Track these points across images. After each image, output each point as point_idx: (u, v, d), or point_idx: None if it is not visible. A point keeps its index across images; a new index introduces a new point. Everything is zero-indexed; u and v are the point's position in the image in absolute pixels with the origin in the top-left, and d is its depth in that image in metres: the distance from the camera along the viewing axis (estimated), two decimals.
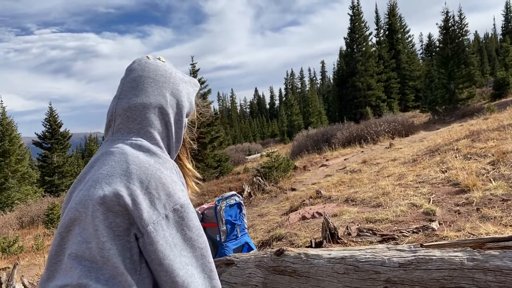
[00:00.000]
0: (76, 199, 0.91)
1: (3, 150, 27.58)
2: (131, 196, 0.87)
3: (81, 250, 0.85)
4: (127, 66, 1.08)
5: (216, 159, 21.66)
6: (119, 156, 0.93)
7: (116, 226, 0.86)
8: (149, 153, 0.96)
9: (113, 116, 1.01)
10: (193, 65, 21.99)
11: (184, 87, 1.09)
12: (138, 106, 1.00)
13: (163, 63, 1.09)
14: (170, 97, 1.04)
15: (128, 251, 0.86)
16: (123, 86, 1.04)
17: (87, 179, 0.93)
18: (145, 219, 0.86)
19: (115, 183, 0.88)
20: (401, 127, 18.10)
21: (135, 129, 0.99)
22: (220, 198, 4.14)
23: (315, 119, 44.56)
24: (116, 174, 0.90)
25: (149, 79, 1.03)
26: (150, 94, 1.01)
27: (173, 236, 0.88)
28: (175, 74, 1.08)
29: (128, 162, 0.92)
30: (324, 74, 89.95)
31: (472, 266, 2.04)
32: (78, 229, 0.88)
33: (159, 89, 1.03)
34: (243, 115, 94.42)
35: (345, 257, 2.50)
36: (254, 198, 9.71)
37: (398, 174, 7.60)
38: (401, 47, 42.73)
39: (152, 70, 1.05)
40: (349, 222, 4.98)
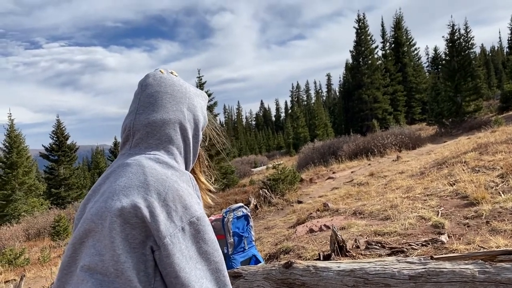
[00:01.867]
0: (92, 211, 0.91)
1: (11, 162, 27.77)
2: (149, 208, 0.86)
3: (94, 262, 0.85)
4: (141, 80, 1.08)
5: (222, 171, 21.66)
6: (136, 168, 0.93)
7: (133, 238, 0.86)
8: (166, 166, 0.96)
9: (131, 131, 1.01)
10: (200, 78, 22.13)
11: (198, 101, 1.11)
12: (158, 122, 1.00)
13: (178, 78, 1.10)
14: (187, 112, 1.05)
15: (143, 264, 0.86)
16: (140, 101, 1.04)
17: (103, 191, 0.93)
18: (162, 231, 0.86)
19: (132, 195, 0.88)
20: (408, 139, 18.03)
21: (154, 144, 1.00)
22: (227, 210, 4.13)
23: (321, 132, 44.49)
24: (133, 186, 0.90)
25: (167, 94, 1.04)
26: (169, 110, 1.02)
27: (189, 249, 0.88)
28: (189, 88, 1.10)
29: (146, 174, 0.92)
30: (330, 86, 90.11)
31: (484, 278, 2.01)
32: (92, 241, 0.88)
33: (177, 104, 1.04)
34: (249, 128, 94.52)
35: (355, 270, 2.48)
36: (261, 210, 9.67)
37: (406, 186, 7.56)
38: (407, 60, 42.76)
39: (169, 86, 1.06)
40: (358, 235, 4.94)
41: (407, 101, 40.34)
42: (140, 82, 1.08)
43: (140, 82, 1.08)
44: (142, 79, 1.08)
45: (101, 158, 51.85)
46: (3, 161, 28.06)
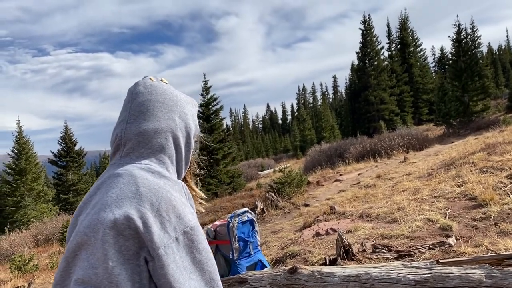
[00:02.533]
0: (84, 223, 0.89)
1: (20, 169, 28.00)
2: (142, 219, 0.86)
3: (88, 275, 0.84)
4: (131, 88, 1.06)
5: (229, 175, 21.67)
6: (127, 178, 0.92)
7: (126, 250, 0.85)
8: (158, 175, 0.95)
9: (122, 140, 1.00)
10: (206, 82, 22.20)
11: (189, 109, 1.09)
12: (150, 131, 0.99)
13: (168, 85, 1.09)
14: (179, 120, 1.04)
15: (137, 275, 0.85)
16: (131, 110, 1.02)
17: (95, 203, 0.92)
18: (156, 242, 0.85)
19: (125, 206, 0.87)
20: (415, 140, 17.92)
21: (145, 153, 0.98)
22: (232, 215, 4.12)
23: (328, 134, 44.39)
24: (125, 196, 0.89)
25: (158, 103, 1.02)
26: (161, 119, 1.01)
27: (183, 259, 0.87)
28: (180, 96, 1.09)
29: (138, 184, 0.91)
30: (336, 88, 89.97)
31: (490, 283, 1.98)
32: (85, 254, 0.87)
33: (168, 113, 1.03)
34: (256, 131, 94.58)
35: (360, 275, 2.46)
36: (267, 214, 9.64)
37: (413, 188, 7.50)
38: (413, 61, 42.58)
39: (160, 94, 1.04)
40: (364, 238, 4.91)
41: (414, 102, 40.14)
42: (130, 90, 1.06)
43: (129, 90, 1.06)
44: (132, 87, 1.06)
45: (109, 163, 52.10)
46: (12, 167, 28.30)
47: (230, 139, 24.12)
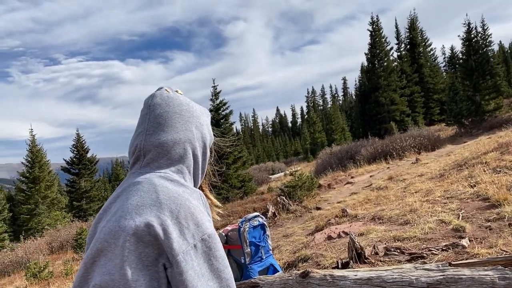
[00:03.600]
0: (104, 230, 0.91)
1: (34, 177, 28.36)
2: (162, 226, 0.87)
3: (105, 281, 0.85)
4: (148, 100, 1.08)
5: (240, 179, 21.67)
6: (147, 186, 0.94)
7: (146, 256, 0.86)
8: (177, 184, 0.97)
9: (141, 151, 1.03)
10: (215, 88, 22.26)
11: (204, 119, 1.12)
12: (169, 143, 1.02)
13: (183, 97, 1.12)
14: (195, 131, 1.07)
15: (156, 282, 0.86)
16: (149, 121, 1.04)
17: (116, 210, 0.94)
18: (175, 249, 0.86)
19: (145, 213, 0.89)
20: (427, 141, 17.77)
21: (165, 164, 1.01)
22: (243, 220, 4.13)
23: (339, 136, 44.21)
24: (146, 204, 0.91)
25: (176, 114, 1.05)
26: (179, 130, 1.04)
27: (201, 266, 0.88)
28: (195, 107, 1.12)
29: (158, 192, 0.93)
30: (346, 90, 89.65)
31: (504, 285, 1.96)
32: (104, 260, 0.88)
33: (185, 124, 1.06)
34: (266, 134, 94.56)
35: (372, 278, 2.45)
36: (279, 218, 9.63)
37: (426, 190, 7.44)
38: (423, 61, 42.27)
39: (177, 105, 1.07)
40: (376, 241, 4.88)
41: (425, 102, 39.83)
42: (147, 102, 1.08)
43: (146, 102, 1.08)
44: (149, 98, 1.08)
45: (121, 169, 52.50)
46: (26, 176, 28.67)
47: (240, 143, 24.16)
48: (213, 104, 22.22)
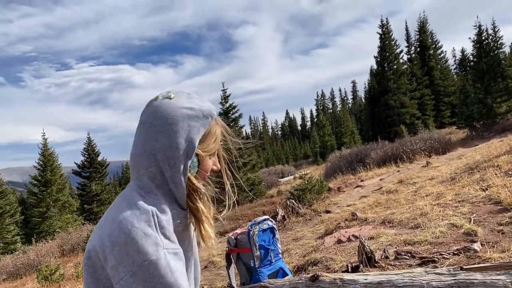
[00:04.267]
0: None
1: (45, 180, 28.64)
2: (104, 253, 0.88)
3: None
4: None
5: (249, 183, 21.69)
6: (112, 205, 0.97)
7: (105, 278, 0.90)
8: (129, 203, 0.93)
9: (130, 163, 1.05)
10: (224, 91, 22.34)
11: (183, 126, 0.99)
12: (137, 154, 0.99)
13: (168, 101, 1.01)
14: (164, 140, 0.97)
15: None
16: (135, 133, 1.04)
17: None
18: (114, 277, 0.87)
19: (95, 237, 0.93)
20: (438, 144, 17.63)
21: (134, 177, 0.99)
22: (253, 223, 4.13)
23: (348, 139, 44.07)
24: (102, 226, 0.93)
25: (146, 124, 0.99)
26: (147, 141, 0.98)
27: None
28: (175, 112, 0.99)
29: (107, 216, 0.95)
30: (355, 93, 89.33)
31: None
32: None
33: (153, 134, 0.98)
34: (275, 138, 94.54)
35: (382, 282, 2.44)
36: (289, 221, 9.62)
37: (436, 193, 7.37)
38: (433, 63, 41.98)
39: (151, 114, 1.00)
40: (387, 244, 4.85)
41: (435, 105, 39.52)
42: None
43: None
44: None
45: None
46: (38, 179, 28.97)
47: (250, 147, 24.18)
48: (223, 107, 22.31)
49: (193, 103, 1.02)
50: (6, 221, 28.08)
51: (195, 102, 1.03)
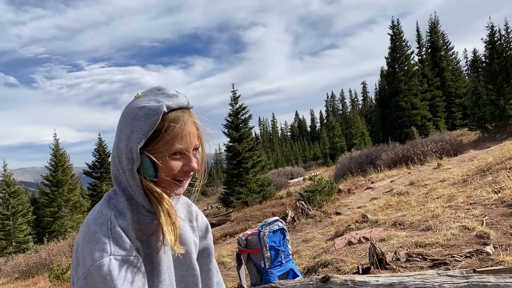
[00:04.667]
0: None
1: (57, 180, 28.93)
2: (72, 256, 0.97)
3: None
4: None
5: (259, 184, 21.69)
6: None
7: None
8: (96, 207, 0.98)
9: None
10: (234, 92, 22.39)
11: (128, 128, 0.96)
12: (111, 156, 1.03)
13: (130, 102, 1.01)
14: (116, 143, 0.98)
15: None
16: None
17: None
18: (72, 279, 0.92)
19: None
20: (449, 146, 17.48)
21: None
22: (263, 224, 4.14)
23: (358, 141, 43.86)
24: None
25: (118, 125, 1.00)
26: (115, 142, 0.99)
27: None
28: (126, 114, 0.98)
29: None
30: (365, 94, 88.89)
31: None
32: None
33: (117, 135, 0.99)
34: (284, 139, 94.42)
35: (394, 284, 2.43)
36: (298, 223, 9.60)
37: (448, 195, 7.31)
38: (445, 65, 41.66)
39: (121, 116, 1.00)
40: (398, 246, 4.82)
41: (446, 107, 39.19)
42: None
43: None
44: None
45: None
46: (50, 179, 29.28)
47: (259, 148, 24.20)
48: (233, 108, 22.36)
49: (146, 101, 0.97)
50: (18, 220, 28.46)
51: (150, 99, 0.97)
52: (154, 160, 0.95)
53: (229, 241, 10.97)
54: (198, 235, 1.19)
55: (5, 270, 16.99)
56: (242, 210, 18.82)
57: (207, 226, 1.25)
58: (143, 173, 0.97)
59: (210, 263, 1.23)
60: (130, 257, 0.90)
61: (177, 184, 1.00)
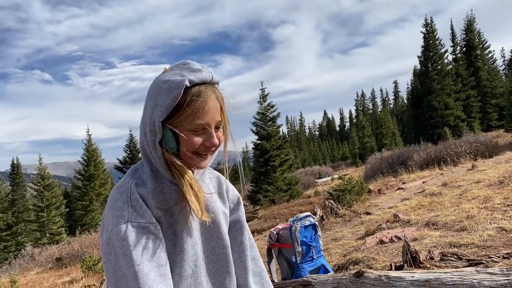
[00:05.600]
0: None
1: (89, 175, 29.71)
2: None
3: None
4: None
5: (286, 182, 21.66)
6: None
7: None
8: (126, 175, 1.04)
9: None
10: (263, 90, 22.43)
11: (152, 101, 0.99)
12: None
13: (157, 76, 1.03)
14: (143, 113, 1.02)
15: None
16: None
17: None
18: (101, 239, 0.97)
19: None
20: (484, 147, 16.95)
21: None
22: (294, 219, 4.14)
23: (389, 141, 43.16)
24: None
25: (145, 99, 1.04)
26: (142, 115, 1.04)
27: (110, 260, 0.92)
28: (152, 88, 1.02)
29: None
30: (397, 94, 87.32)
31: None
32: None
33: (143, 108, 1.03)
34: (312, 138, 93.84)
35: (430, 280, 2.39)
36: (327, 222, 9.52)
37: (483, 197, 7.10)
38: (480, 64, 40.42)
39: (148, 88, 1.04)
40: (431, 246, 4.72)
41: (481, 107, 38.04)
42: None
43: None
44: None
45: None
46: (82, 173, 30.10)
47: (287, 146, 24.13)
48: (261, 106, 22.39)
49: (171, 75, 0.99)
50: (52, 212, 29.38)
51: (175, 73, 0.99)
52: (176, 133, 0.98)
53: (257, 238, 11.00)
54: (228, 207, 1.20)
55: (40, 260, 17.57)
56: (269, 208, 18.85)
57: (238, 199, 1.25)
58: (165, 146, 0.99)
59: (242, 236, 1.21)
60: (148, 224, 0.93)
61: (199, 158, 1.01)
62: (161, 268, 0.92)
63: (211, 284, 1.08)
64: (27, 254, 20.16)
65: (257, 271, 1.22)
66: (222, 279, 1.10)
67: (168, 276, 0.94)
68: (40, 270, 15.43)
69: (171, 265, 0.98)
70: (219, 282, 1.10)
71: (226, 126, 1.06)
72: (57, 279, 11.51)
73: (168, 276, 0.94)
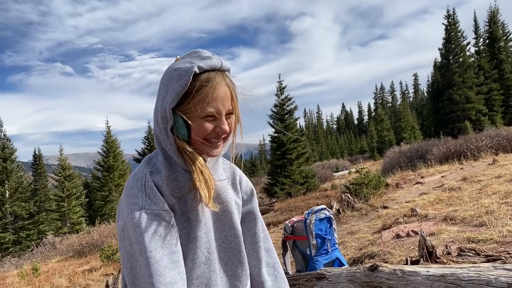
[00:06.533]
0: None
1: (108, 166, 30.16)
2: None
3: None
4: None
5: (303, 175, 21.59)
6: None
7: None
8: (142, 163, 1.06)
9: None
10: (280, 83, 22.34)
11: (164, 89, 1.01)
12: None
13: (169, 65, 1.05)
14: (156, 101, 1.04)
15: None
16: None
17: None
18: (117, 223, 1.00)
19: None
20: (506, 142, 16.57)
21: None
22: (309, 211, 4.13)
23: (408, 135, 42.61)
24: None
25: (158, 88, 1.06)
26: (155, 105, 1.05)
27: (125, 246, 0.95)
28: (164, 76, 1.03)
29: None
30: (417, 87, 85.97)
31: None
32: None
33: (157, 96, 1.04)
34: (330, 131, 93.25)
35: (445, 275, 2.36)
36: (343, 215, 9.48)
37: (504, 192, 6.96)
38: (504, 56, 39.41)
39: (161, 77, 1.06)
40: (448, 241, 4.66)
41: (504, 101, 37.16)
42: None
43: None
44: None
45: None
46: (102, 164, 30.58)
47: (304, 139, 24.04)
48: (278, 99, 22.32)
49: (182, 63, 1.01)
50: (72, 202, 29.98)
51: (185, 61, 1.01)
52: (186, 120, 0.99)
53: (273, 230, 11.02)
54: (241, 198, 1.20)
55: (60, 249, 17.97)
56: (285, 200, 18.84)
57: (252, 190, 1.25)
58: (176, 132, 1.01)
59: (256, 227, 1.21)
60: (161, 211, 0.95)
61: (209, 145, 1.03)
62: (173, 255, 0.94)
63: (223, 272, 1.09)
64: (49, 242, 20.66)
65: (271, 262, 1.23)
66: (234, 268, 1.11)
67: (180, 263, 0.95)
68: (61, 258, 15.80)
69: (184, 252, 0.99)
70: (231, 270, 1.11)
71: (237, 114, 1.07)
72: (77, 267, 11.75)
73: (181, 263, 0.95)
